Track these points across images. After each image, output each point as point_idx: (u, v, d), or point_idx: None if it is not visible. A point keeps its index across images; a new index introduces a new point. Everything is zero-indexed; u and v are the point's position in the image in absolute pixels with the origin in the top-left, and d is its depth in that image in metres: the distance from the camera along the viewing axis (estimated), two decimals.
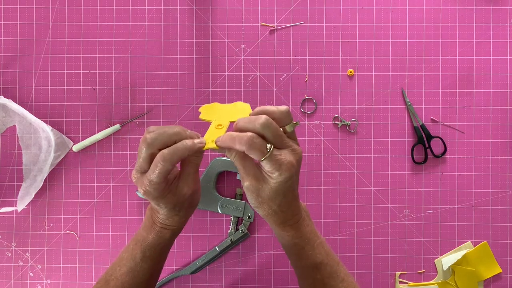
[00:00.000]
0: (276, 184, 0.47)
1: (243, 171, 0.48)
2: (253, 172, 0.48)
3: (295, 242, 0.53)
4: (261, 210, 0.50)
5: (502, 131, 0.75)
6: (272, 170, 0.46)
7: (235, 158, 0.48)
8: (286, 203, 0.50)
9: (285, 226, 0.52)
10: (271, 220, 0.51)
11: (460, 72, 0.76)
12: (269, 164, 0.45)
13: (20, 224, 0.77)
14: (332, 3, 0.77)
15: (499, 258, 0.74)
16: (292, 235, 0.52)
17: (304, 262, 0.53)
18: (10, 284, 0.77)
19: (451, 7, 0.76)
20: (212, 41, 0.77)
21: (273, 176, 0.46)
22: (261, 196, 0.48)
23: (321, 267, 0.53)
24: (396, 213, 0.75)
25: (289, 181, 0.47)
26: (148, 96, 0.77)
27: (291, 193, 0.50)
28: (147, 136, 0.47)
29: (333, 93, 0.76)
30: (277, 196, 0.48)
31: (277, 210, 0.50)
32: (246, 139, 0.44)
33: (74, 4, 0.78)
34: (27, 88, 0.78)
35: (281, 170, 0.46)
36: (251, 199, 0.49)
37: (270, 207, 0.49)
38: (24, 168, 0.77)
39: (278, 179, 0.47)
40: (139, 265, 0.54)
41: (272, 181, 0.47)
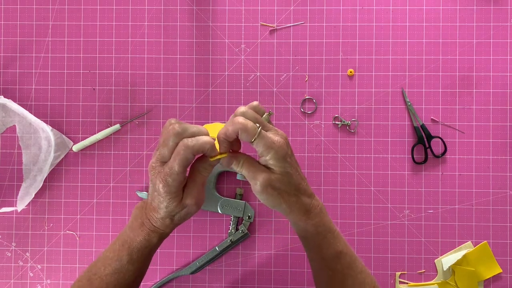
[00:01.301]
0: (278, 165, 0.50)
1: (253, 171, 0.50)
2: (261, 167, 0.51)
3: (318, 231, 0.54)
4: (284, 204, 0.51)
5: (502, 131, 0.75)
6: (267, 149, 0.49)
7: (243, 166, 0.51)
8: (300, 183, 0.52)
9: (309, 215, 0.53)
10: (297, 210, 0.52)
11: (460, 72, 0.76)
12: (261, 143, 0.49)
13: (20, 224, 0.77)
14: (332, 3, 0.77)
15: (499, 258, 0.74)
16: (317, 222, 0.53)
17: (325, 251, 0.54)
18: (10, 284, 0.77)
19: (451, 7, 0.76)
20: (212, 41, 0.77)
21: (270, 156, 0.49)
22: (277, 187, 0.50)
23: (341, 257, 0.55)
24: (396, 213, 0.75)
25: (286, 158, 0.50)
26: (148, 96, 0.77)
27: (298, 173, 0.52)
28: (176, 126, 0.49)
29: (333, 93, 0.76)
30: (288, 177, 0.50)
31: (297, 194, 0.51)
32: (239, 120, 0.48)
33: (74, 4, 0.78)
34: (27, 88, 0.78)
35: (274, 146, 0.49)
36: (270, 197, 0.50)
37: (289, 194, 0.51)
38: (24, 168, 0.77)
39: (276, 158, 0.49)
40: (125, 267, 0.53)
41: (273, 165, 0.50)
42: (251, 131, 0.48)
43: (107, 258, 0.54)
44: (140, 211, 0.54)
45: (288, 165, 0.50)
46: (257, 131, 0.48)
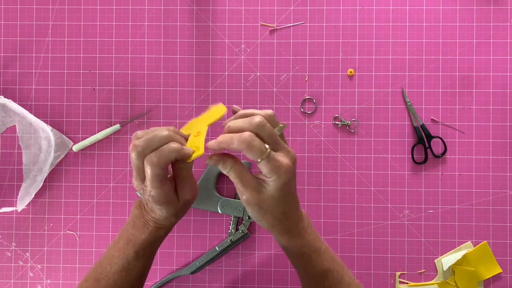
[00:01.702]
0: (276, 190, 0.46)
1: (241, 184, 0.47)
2: (251, 183, 0.47)
3: (302, 251, 0.52)
4: (265, 222, 0.49)
5: (502, 131, 0.75)
6: (271, 172, 0.45)
7: (231, 171, 0.47)
8: (290, 208, 0.49)
9: (291, 235, 0.51)
10: (277, 231, 0.50)
11: (460, 72, 0.76)
12: (267, 165, 0.44)
13: (20, 224, 0.77)
14: (332, 3, 0.77)
15: (499, 258, 0.74)
16: (300, 244, 0.51)
17: (311, 270, 0.53)
18: (10, 284, 0.77)
19: (451, 7, 0.76)
20: (212, 41, 0.77)
21: (272, 179, 0.45)
22: (263, 207, 0.47)
23: (328, 274, 0.53)
24: (396, 213, 0.75)
25: (288, 184, 0.46)
26: (148, 96, 0.77)
27: (292, 198, 0.49)
28: (136, 143, 0.45)
29: (333, 93, 0.76)
30: (279, 202, 0.47)
31: (282, 218, 0.49)
32: (245, 138, 0.43)
33: (74, 4, 0.78)
34: (27, 88, 0.78)
35: (279, 172, 0.45)
36: (252, 212, 0.48)
37: (274, 216, 0.48)
38: (24, 168, 0.77)
39: (277, 183, 0.46)
40: (132, 263, 0.53)
41: (271, 188, 0.46)
42: (258, 153, 0.43)
43: (112, 257, 0.54)
44: (139, 211, 0.53)
45: (286, 190, 0.47)
46: (266, 153, 0.44)
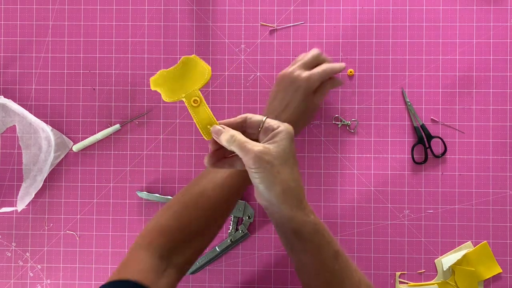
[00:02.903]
0: (285, 140, 0.49)
1: (248, 143, 0.48)
2: (255, 143, 0.49)
3: (316, 229, 0.51)
4: (278, 187, 0.48)
5: (502, 131, 0.75)
6: (277, 123, 0.50)
7: (233, 137, 0.49)
8: (298, 175, 0.50)
9: (304, 209, 0.50)
10: (290, 202, 0.49)
11: (460, 72, 0.76)
12: (272, 120, 0.50)
13: (20, 224, 0.77)
14: (332, 3, 0.77)
15: (499, 258, 0.74)
16: (314, 219, 0.51)
17: (324, 253, 0.51)
18: (10, 284, 0.77)
19: (451, 7, 0.76)
20: (212, 41, 0.77)
21: (282, 128, 0.49)
22: (275, 164, 0.47)
23: (338, 257, 0.52)
24: (396, 213, 0.75)
25: (292, 141, 0.50)
26: (148, 96, 0.77)
27: (296, 161, 0.51)
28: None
29: (333, 93, 0.76)
30: (288, 157, 0.49)
31: (293, 186, 0.49)
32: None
33: (74, 4, 0.78)
34: (27, 88, 0.78)
35: (284, 124, 0.50)
36: (265, 173, 0.47)
37: (286, 180, 0.48)
38: (24, 168, 0.77)
39: (284, 134, 0.49)
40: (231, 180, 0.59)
41: (282, 138, 0.49)
42: (260, 117, 0.52)
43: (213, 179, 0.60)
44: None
45: (292, 146, 0.50)
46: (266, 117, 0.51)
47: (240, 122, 0.51)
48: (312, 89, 0.65)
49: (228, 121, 0.51)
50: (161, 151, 0.77)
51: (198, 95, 0.48)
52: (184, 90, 0.48)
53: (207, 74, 0.48)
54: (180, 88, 0.48)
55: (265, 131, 0.50)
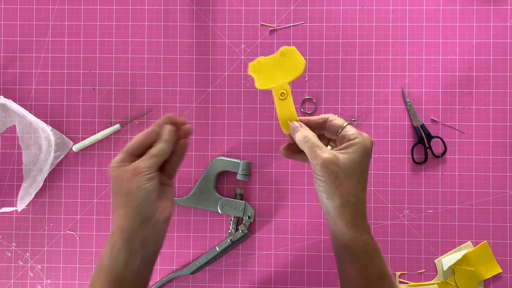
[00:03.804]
0: (359, 154, 0.47)
1: (319, 147, 0.47)
2: (328, 149, 0.48)
3: (367, 250, 0.48)
4: (337, 198, 0.46)
5: (502, 131, 0.75)
6: (356, 133, 0.48)
7: (306, 138, 0.48)
8: (362, 192, 0.48)
9: (359, 227, 0.48)
10: (346, 217, 0.47)
11: (460, 72, 0.76)
12: (353, 128, 0.48)
13: (20, 224, 0.77)
14: (332, 3, 0.77)
15: (499, 258, 0.74)
16: (367, 239, 0.48)
17: (371, 272, 0.49)
18: (10, 284, 0.77)
19: (451, 7, 0.76)
20: (212, 41, 0.77)
21: (357, 140, 0.47)
22: (340, 177, 0.46)
23: (385, 278, 0.50)
24: (396, 213, 0.75)
25: (369, 154, 0.48)
26: (148, 96, 0.77)
27: (365, 180, 0.49)
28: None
29: (333, 93, 0.76)
30: (357, 174, 0.47)
31: (354, 201, 0.47)
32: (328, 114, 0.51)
33: (74, 4, 0.78)
34: (27, 88, 0.78)
35: (363, 136, 0.48)
36: (328, 181, 0.46)
37: (347, 194, 0.47)
38: (24, 168, 0.77)
39: (361, 146, 0.47)
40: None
41: (355, 151, 0.47)
42: (343, 120, 0.51)
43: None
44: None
45: (365, 162, 0.48)
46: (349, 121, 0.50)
47: (321, 122, 0.51)
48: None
49: (309, 119, 0.51)
50: None
51: (287, 88, 0.48)
52: (275, 81, 0.48)
53: (300, 69, 0.48)
54: (272, 77, 0.48)
55: (342, 138, 0.49)
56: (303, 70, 0.48)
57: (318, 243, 0.75)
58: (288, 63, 0.48)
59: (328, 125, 0.50)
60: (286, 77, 0.48)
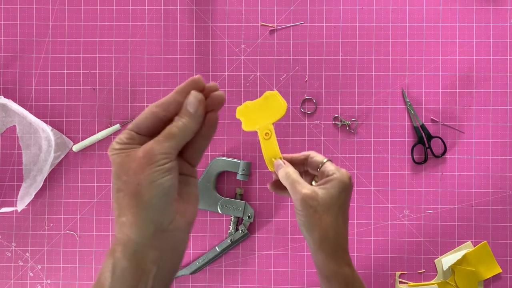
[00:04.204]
0: (337, 189, 0.48)
1: (299, 183, 0.49)
2: (308, 184, 0.49)
3: (346, 282, 0.49)
4: (316, 233, 0.48)
5: (502, 131, 0.75)
6: (335, 169, 0.49)
7: (288, 174, 0.49)
8: (342, 226, 0.49)
9: (339, 260, 0.49)
10: (326, 249, 0.48)
11: (460, 72, 0.76)
12: (332, 165, 0.49)
13: (20, 224, 0.77)
14: (332, 3, 0.77)
15: (499, 258, 0.74)
16: (346, 273, 0.49)
17: None
18: (10, 284, 0.77)
19: (451, 7, 0.76)
20: (212, 41, 0.77)
21: (336, 175, 0.48)
22: (319, 211, 0.47)
23: None
24: (396, 213, 0.75)
25: (348, 190, 0.49)
26: (148, 96, 0.77)
27: (346, 215, 0.49)
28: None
29: (333, 93, 0.76)
30: (336, 208, 0.48)
31: (333, 235, 0.48)
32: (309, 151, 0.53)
33: (74, 4, 0.78)
34: (27, 88, 0.78)
35: (341, 171, 0.48)
36: (307, 216, 0.48)
37: (327, 228, 0.48)
38: (24, 168, 0.77)
39: (339, 182, 0.48)
40: None
41: (333, 186, 0.48)
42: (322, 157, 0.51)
43: None
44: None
45: (342, 196, 0.48)
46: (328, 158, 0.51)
47: (303, 159, 0.52)
48: None
49: (292, 156, 0.52)
50: None
51: (271, 128, 0.53)
52: (259, 122, 0.53)
53: (282, 111, 0.53)
54: (257, 119, 0.53)
55: (322, 174, 0.50)
56: (284, 112, 0.52)
57: None
58: (271, 106, 0.53)
59: (309, 161, 0.51)
60: (269, 118, 0.53)
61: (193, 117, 0.35)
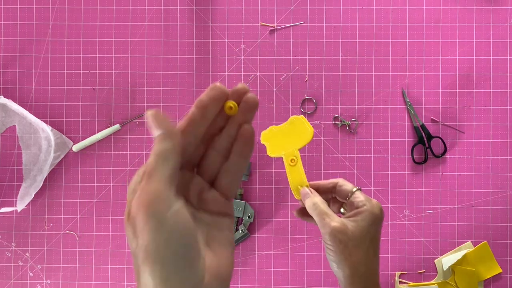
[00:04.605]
0: (365, 222, 0.45)
1: (327, 215, 0.46)
2: (337, 216, 0.47)
3: None
4: (347, 268, 0.45)
5: (502, 131, 0.75)
6: (365, 200, 0.46)
7: (315, 205, 0.47)
8: (373, 261, 0.47)
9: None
10: (357, 285, 0.46)
11: (460, 72, 0.76)
12: (362, 194, 0.47)
13: (20, 224, 0.77)
14: (332, 3, 0.77)
15: (499, 258, 0.74)
16: None
17: None
18: (10, 284, 0.77)
19: (451, 7, 0.76)
20: (212, 41, 0.77)
21: (366, 207, 0.46)
22: (349, 247, 0.45)
23: None
24: (396, 213, 0.75)
25: (379, 222, 0.46)
26: (148, 96, 0.77)
27: (376, 245, 0.47)
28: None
29: (333, 93, 0.76)
30: (364, 240, 0.45)
31: (361, 266, 0.46)
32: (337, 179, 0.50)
33: (74, 4, 0.78)
34: (27, 88, 0.78)
35: (371, 202, 0.46)
36: (337, 251, 0.45)
37: (357, 263, 0.45)
38: (24, 168, 0.77)
39: (370, 214, 0.45)
40: None
41: (364, 219, 0.46)
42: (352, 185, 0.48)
43: None
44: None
45: (373, 228, 0.46)
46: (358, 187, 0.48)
47: (331, 187, 0.50)
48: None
49: (318, 184, 0.50)
50: None
51: (297, 155, 0.50)
52: (285, 148, 0.51)
53: (309, 136, 0.51)
54: (282, 145, 0.51)
55: (351, 204, 0.48)
56: (311, 138, 0.50)
57: (318, 243, 0.75)
58: (297, 131, 0.51)
59: (338, 190, 0.49)
60: (295, 144, 0.50)
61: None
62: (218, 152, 0.31)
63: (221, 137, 0.31)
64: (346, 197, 0.48)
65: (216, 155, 0.31)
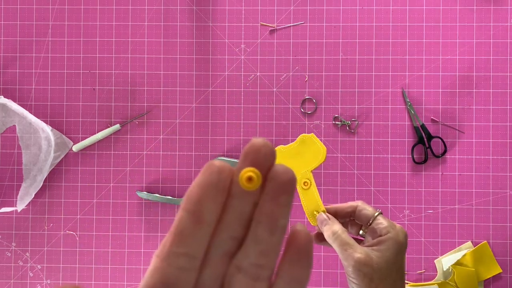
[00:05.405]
0: (390, 252, 0.43)
1: (349, 246, 0.43)
2: (360, 246, 0.43)
3: None
4: None
5: (502, 131, 0.75)
6: (388, 226, 0.43)
7: (335, 234, 0.44)
8: (400, 285, 0.44)
9: None
10: None
11: (460, 72, 0.76)
12: (385, 220, 0.44)
13: (20, 224, 0.77)
14: (332, 3, 0.77)
15: (499, 258, 0.74)
16: None
17: None
18: (10, 284, 0.77)
19: (451, 7, 0.76)
20: (212, 41, 0.77)
21: (388, 237, 0.43)
22: (374, 280, 0.42)
23: None
24: (396, 213, 0.75)
25: (401, 253, 0.43)
26: (148, 96, 0.77)
27: (402, 275, 0.44)
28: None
29: (333, 93, 0.76)
30: (391, 272, 0.42)
31: None
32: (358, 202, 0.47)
33: (74, 4, 0.78)
34: (27, 88, 0.78)
35: (395, 229, 0.43)
36: (360, 284, 0.42)
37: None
38: (24, 168, 0.77)
39: (392, 243, 0.43)
40: None
41: (388, 247, 0.43)
42: (373, 210, 0.46)
43: None
44: None
45: (399, 257, 0.43)
46: (378, 211, 0.45)
47: (350, 212, 0.47)
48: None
49: (336, 207, 0.47)
50: (161, 151, 0.77)
51: (310, 177, 0.46)
52: (296, 170, 0.46)
53: (321, 156, 0.46)
54: (293, 167, 0.45)
55: (373, 231, 0.44)
56: (324, 157, 0.46)
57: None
58: (308, 150, 0.46)
59: (358, 215, 0.46)
60: (307, 165, 0.46)
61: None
62: (245, 274, 0.20)
63: (246, 248, 0.19)
64: (367, 222, 0.45)
65: (243, 278, 0.19)
